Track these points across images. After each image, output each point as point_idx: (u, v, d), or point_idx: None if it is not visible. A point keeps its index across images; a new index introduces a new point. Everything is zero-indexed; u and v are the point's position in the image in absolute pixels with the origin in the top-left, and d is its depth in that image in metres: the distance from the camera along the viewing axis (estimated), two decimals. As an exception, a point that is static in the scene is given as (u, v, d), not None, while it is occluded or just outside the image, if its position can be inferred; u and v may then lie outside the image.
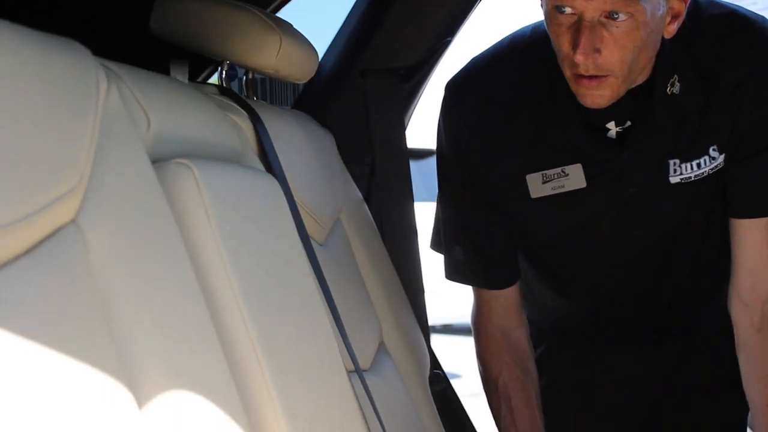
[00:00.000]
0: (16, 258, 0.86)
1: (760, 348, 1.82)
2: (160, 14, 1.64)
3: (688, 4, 1.63)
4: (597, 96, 1.64)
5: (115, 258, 0.98)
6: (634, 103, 1.70)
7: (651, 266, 1.90)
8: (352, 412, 1.38)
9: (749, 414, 1.96)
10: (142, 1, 1.65)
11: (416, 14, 2.03)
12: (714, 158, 1.76)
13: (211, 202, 1.16)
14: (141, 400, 0.95)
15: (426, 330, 2.11)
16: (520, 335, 1.89)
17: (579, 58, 1.58)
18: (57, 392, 0.83)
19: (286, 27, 1.65)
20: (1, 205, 0.82)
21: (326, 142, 1.88)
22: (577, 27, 1.57)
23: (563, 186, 1.77)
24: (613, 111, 1.70)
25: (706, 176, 1.77)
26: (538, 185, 1.77)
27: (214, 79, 2.06)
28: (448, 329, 11.43)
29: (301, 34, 1.73)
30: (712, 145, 1.76)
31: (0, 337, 0.78)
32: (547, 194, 1.77)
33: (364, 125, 2.06)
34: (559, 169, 1.76)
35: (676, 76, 1.71)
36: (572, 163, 1.75)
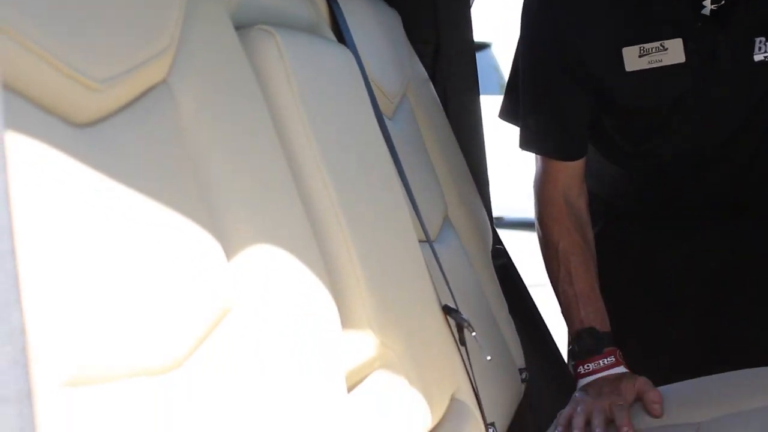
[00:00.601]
0: (114, 113, 0.90)
1: None
2: None
3: None
4: None
5: (203, 116, 1.01)
6: None
7: (728, 143, 1.93)
8: (423, 277, 1.43)
9: None
10: None
11: None
12: None
13: (292, 68, 1.19)
14: (229, 252, 0.99)
15: (489, 208, 2.14)
16: (582, 203, 1.92)
17: None
18: (153, 238, 0.86)
19: None
20: (99, 61, 0.85)
21: (393, 19, 1.90)
22: None
23: (661, 60, 1.79)
24: None
25: None
26: (634, 58, 1.79)
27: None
28: (500, 222, 11.51)
29: None
30: None
31: (102, 183, 0.82)
32: (643, 68, 1.79)
33: (431, 5, 2.07)
34: (657, 43, 1.78)
35: None
36: (672, 38, 1.78)
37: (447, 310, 1.48)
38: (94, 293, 0.75)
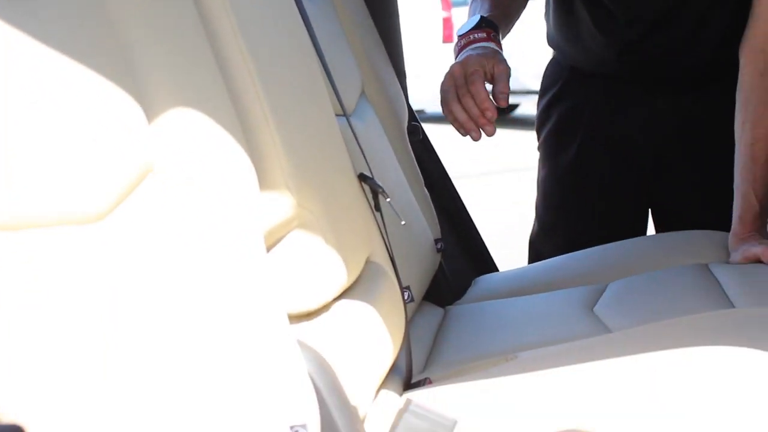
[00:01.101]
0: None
1: (760, 91, 1.95)
2: None
3: None
4: None
5: (133, 11, 1.03)
6: None
7: (674, 7, 2.04)
8: (339, 146, 1.49)
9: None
10: None
11: None
12: None
13: None
14: (150, 115, 1.02)
15: (404, 86, 2.19)
16: None
17: None
18: (76, 93, 0.89)
19: None
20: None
21: None
22: None
23: None
24: None
25: None
26: None
27: None
28: (421, 115, 11.55)
29: None
30: None
31: (21, 40, 0.85)
32: None
33: None
34: None
35: None
36: None
37: (362, 178, 1.54)
38: (15, 139, 0.80)
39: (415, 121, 2.16)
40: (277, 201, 1.24)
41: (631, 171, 2.24)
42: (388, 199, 1.53)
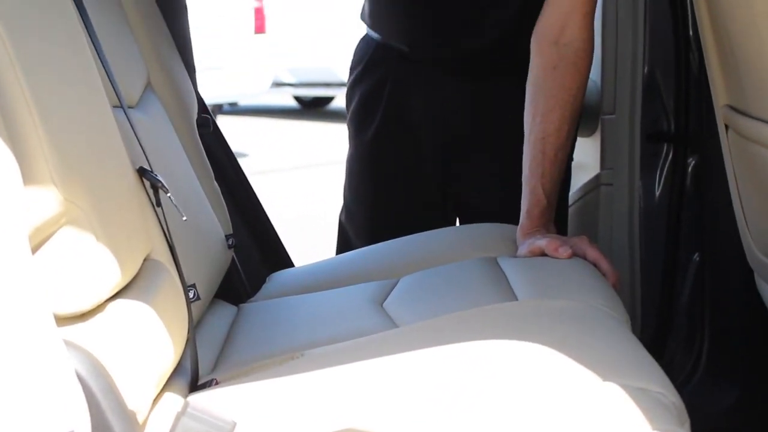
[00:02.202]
0: None
1: (551, 84, 1.97)
2: None
3: None
4: None
5: None
6: None
7: None
8: (114, 139, 1.43)
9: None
10: None
11: None
12: None
13: None
14: None
15: (193, 78, 2.14)
16: None
17: None
18: None
19: None
20: None
21: None
22: None
23: None
24: None
25: None
26: None
27: None
28: (234, 108, 11.46)
29: None
30: None
31: None
32: None
33: None
34: None
35: None
36: None
37: (141, 172, 1.49)
38: None
39: (205, 113, 2.11)
40: (42, 196, 1.18)
41: (426, 157, 2.25)
42: (168, 194, 1.48)
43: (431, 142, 2.24)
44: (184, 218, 1.51)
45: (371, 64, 2.28)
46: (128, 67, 1.75)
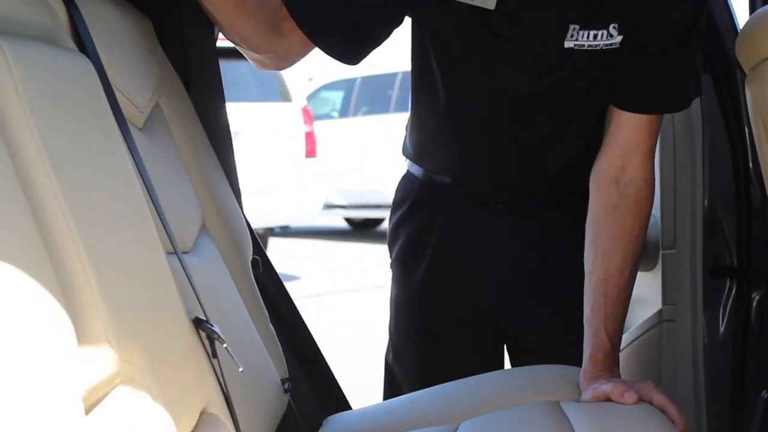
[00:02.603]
0: None
1: (612, 224, 1.92)
2: None
3: None
4: None
5: None
6: None
7: (526, 124, 1.99)
8: (169, 289, 1.40)
9: None
10: None
11: None
12: (612, 36, 1.86)
13: (22, 79, 1.15)
14: None
15: (240, 202, 2.12)
16: None
17: None
18: None
19: None
20: None
21: (143, 26, 1.86)
22: None
23: None
24: None
25: (598, 50, 1.87)
26: None
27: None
28: (286, 231, 11.51)
29: None
30: (615, 22, 1.85)
31: None
32: None
33: (177, 10, 2.03)
34: None
35: None
36: None
37: (197, 323, 1.46)
38: None
39: (259, 254, 2.09)
40: (97, 357, 1.15)
41: (478, 297, 2.19)
42: (225, 345, 1.45)
43: (483, 281, 2.18)
44: (241, 369, 1.48)
45: (417, 204, 2.21)
46: (184, 209, 1.73)
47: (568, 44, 1.87)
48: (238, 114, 7.98)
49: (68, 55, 1.35)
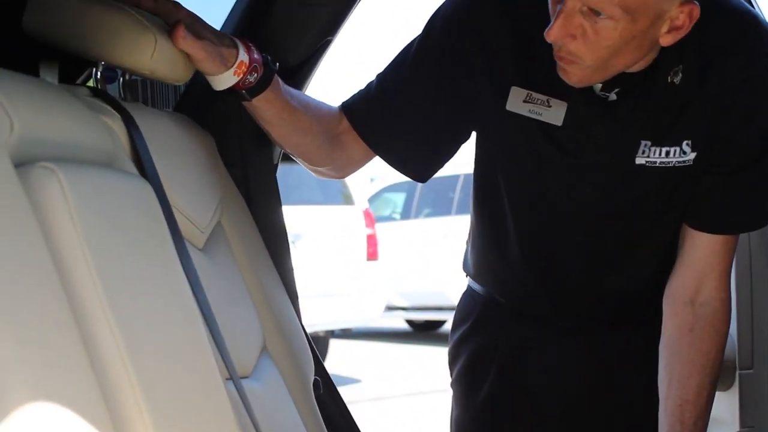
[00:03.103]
0: None
1: (688, 347, 1.85)
2: (33, 12, 1.59)
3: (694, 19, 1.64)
4: (567, 72, 1.69)
5: None
6: (630, 79, 1.73)
7: (595, 242, 1.92)
8: (228, 421, 1.36)
9: None
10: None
11: (298, 13, 2.01)
12: (685, 153, 1.80)
13: (77, 206, 1.13)
14: (3, 412, 0.93)
15: (297, 308, 2.08)
16: None
17: (550, 36, 1.63)
18: None
19: (162, 26, 1.62)
20: None
21: (206, 144, 1.84)
22: (561, 8, 1.62)
23: (541, 114, 1.79)
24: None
25: (671, 167, 1.80)
26: (518, 101, 1.79)
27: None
28: (347, 333, 11.46)
29: None
30: (688, 139, 1.79)
31: None
32: (521, 113, 1.79)
33: (237, 128, 2.02)
34: (545, 98, 1.78)
35: (681, 65, 1.74)
36: (560, 99, 1.77)
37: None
38: None
39: (319, 374, 2.03)
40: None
41: (545, 419, 2.11)
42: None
43: (550, 403, 2.09)
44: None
45: (479, 323, 2.13)
46: (244, 332, 1.69)
47: (639, 161, 1.81)
48: (300, 217, 8.00)
49: (127, 179, 1.32)
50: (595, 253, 1.95)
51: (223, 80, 1.69)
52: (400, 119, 1.86)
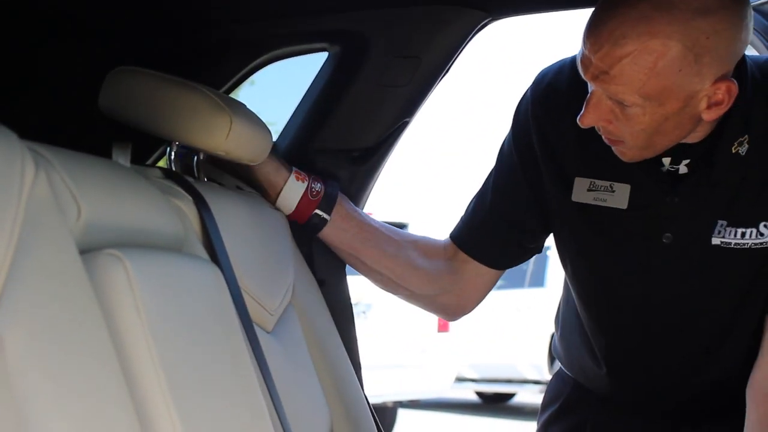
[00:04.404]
0: None
1: None
2: (110, 91, 1.60)
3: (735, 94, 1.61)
4: (618, 151, 1.68)
5: (33, 359, 0.93)
6: (696, 149, 1.70)
7: (674, 329, 1.85)
8: None
9: None
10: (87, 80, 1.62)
11: (376, 95, 2.01)
12: (762, 234, 1.74)
13: (142, 295, 1.11)
14: None
15: (360, 378, 2.04)
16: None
17: (582, 122, 1.63)
18: None
19: (237, 107, 1.62)
20: None
21: (278, 224, 1.82)
22: (589, 96, 1.61)
23: (605, 200, 1.78)
24: (673, 150, 1.70)
25: (747, 249, 1.74)
26: (583, 190, 1.79)
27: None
28: (415, 404, 11.38)
29: (254, 114, 1.68)
30: (765, 220, 1.73)
31: None
32: (587, 202, 1.78)
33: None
34: (608, 183, 1.77)
35: (747, 136, 1.69)
36: (622, 182, 1.75)
37: None
38: None
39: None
40: None
41: None
42: None
43: None
44: None
45: (567, 406, 2.11)
46: (311, 418, 1.66)
47: (715, 241, 1.75)
48: (372, 287, 7.97)
49: (196, 264, 1.31)
50: (680, 340, 1.89)
51: (290, 192, 1.81)
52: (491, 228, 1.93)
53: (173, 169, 1.63)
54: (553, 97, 1.81)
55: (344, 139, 1.98)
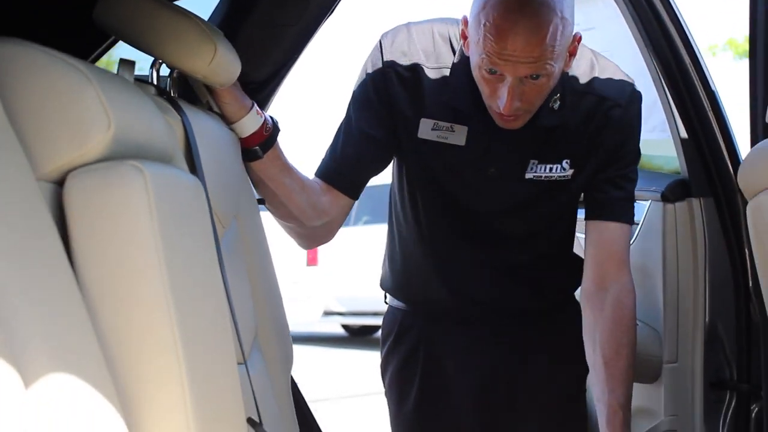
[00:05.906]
0: None
1: (603, 321, 2.17)
2: (105, 7, 1.72)
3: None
4: (510, 123, 2.05)
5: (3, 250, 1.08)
6: None
7: (494, 234, 2.27)
8: (236, 395, 1.50)
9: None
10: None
11: (268, 33, 2.17)
12: (564, 169, 2.18)
13: (156, 202, 1.27)
14: (27, 380, 1.06)
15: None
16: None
17: (506, 111, 1.98)
18: None
19: (219, 36, 1.77)
20: None
21: (235, 145, 1.99)
22: (502, 83, 1.96)
23: (447, 138, 2.16)
24: None
25: (554, 180, 2.17)
26: (427, 129, 2.17)
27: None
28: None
29: (230, 44, 1.82)
30: (566, 158, 2.16)
31: None
32: (431, 139, 2.16)
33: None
34: (449, 124, 2.15)
35: (559, 95, 2.10)
36: (461, 124, 2.15)
37: (251, 422, 1.57)
38: None
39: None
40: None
41: (467, 424, 2.35)
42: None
43: (470, 406, 2.35)
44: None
45: (401, 334, 2.40)
46: (246, 325, 1.82)
47: (528, 175, 2.17)
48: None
49: (186, 177, 1.47)
50: (494, 242, 2.28)
51: (249, 122, 1.99)
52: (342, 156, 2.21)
53: (162, 87, 1.78)
54: (405, 54, 2.16)
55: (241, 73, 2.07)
